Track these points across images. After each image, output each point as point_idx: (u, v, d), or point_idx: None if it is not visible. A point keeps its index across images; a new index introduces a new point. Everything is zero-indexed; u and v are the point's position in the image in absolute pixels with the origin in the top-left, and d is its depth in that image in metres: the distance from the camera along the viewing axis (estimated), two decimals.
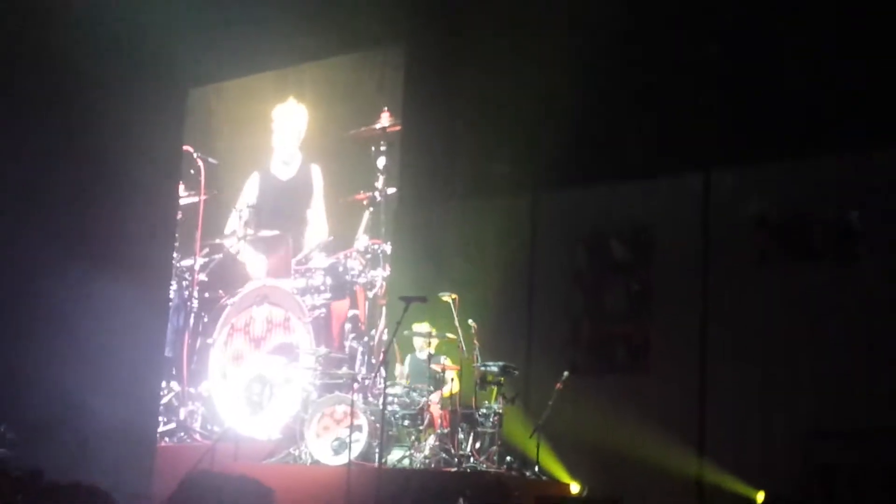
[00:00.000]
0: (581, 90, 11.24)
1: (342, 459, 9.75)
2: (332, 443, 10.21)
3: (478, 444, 10.23)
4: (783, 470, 9.23)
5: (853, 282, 9.86)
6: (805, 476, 9.16)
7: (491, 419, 10.28)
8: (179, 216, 13.63)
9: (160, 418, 12.33)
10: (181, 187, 13.73)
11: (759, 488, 9.18)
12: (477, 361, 10.50)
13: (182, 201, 13.66)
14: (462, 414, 10.38)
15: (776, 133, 10.37)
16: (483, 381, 10.44)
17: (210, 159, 13.66)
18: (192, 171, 13.71)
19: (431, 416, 10.34)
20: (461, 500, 8.29)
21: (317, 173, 12.95)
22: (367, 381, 10.94)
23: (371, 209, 12.50)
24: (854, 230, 10.06)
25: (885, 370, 9.47)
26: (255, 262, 12.83)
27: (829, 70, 10.15)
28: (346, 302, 12.10)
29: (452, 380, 10.64)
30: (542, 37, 11.73)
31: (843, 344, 9.74)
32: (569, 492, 10.24)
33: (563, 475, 10.47)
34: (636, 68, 11.28)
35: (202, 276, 13.10)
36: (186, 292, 13.03)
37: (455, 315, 10.57)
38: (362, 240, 12.41)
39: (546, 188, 11.86)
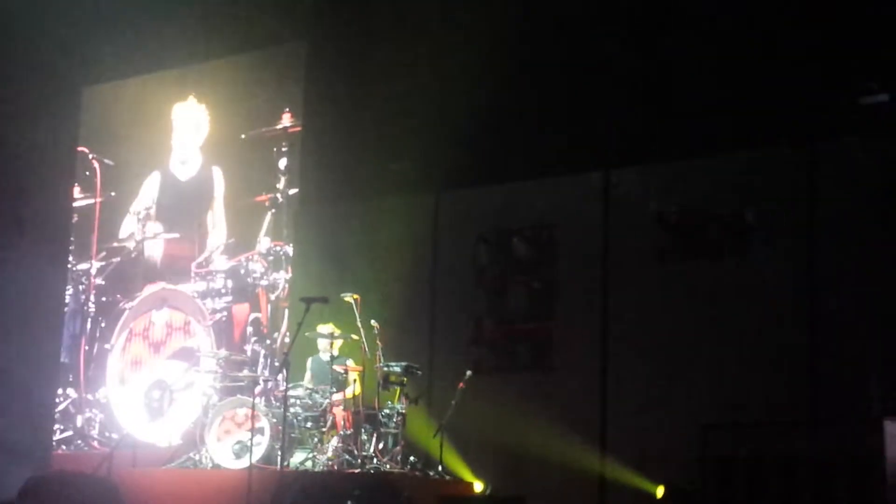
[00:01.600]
0: (483, 88, 11.26)
1: (243, 463, 9.63)
2: (234, 446, 10.08)
3: (381, 445, 10.18)
4: (682, 463, 9.33)
5: (748, 276, 10.03)
6: (702, 468, 9.27)
7: (394, 420, 10.25)
8: (75, 219, 13.33)
9: (56, 426, 12.05)
10: (76, 189, 13.44)
11: (659, 482, 9.28)
12: (380, 362, 10.44)
13: (77, 203, 13.36)
14: (365, 415, 10.32)
15: (675, 132, 10.51)
16: (386, 381, 10.40)
17: (106, 160, 13.40)
18: (87, 173, 13.42)
19: (334, 417, 10.27)
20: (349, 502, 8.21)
21: (218, 175, 12.79)
22: (269, 384, 10.82)
23: (273, 211, 12.38)
24: (749, 226, 10.24)
25: (780, 362, 9.65)
26: (154, 265, 12.63)
27: (724, 69, 10.33)
28: (248, 305, 11.97)
29: (355, 381, 10.57)
30: (444, 35, 11.74)
31: (741, 337, 9.90)
32: (472, 491, 10.25)
33: (466, 474, 10.48)
34: (537, 67, 11.34)
35: (99, 280, 12.85)
36: (83, 297, 12.77)
37: (357, 315, 10.51)
38: (264, 242, 12.28)
39: (448, 187, 11.86)
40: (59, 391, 12.28)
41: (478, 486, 10.34)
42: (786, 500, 8.40)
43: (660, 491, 9.12)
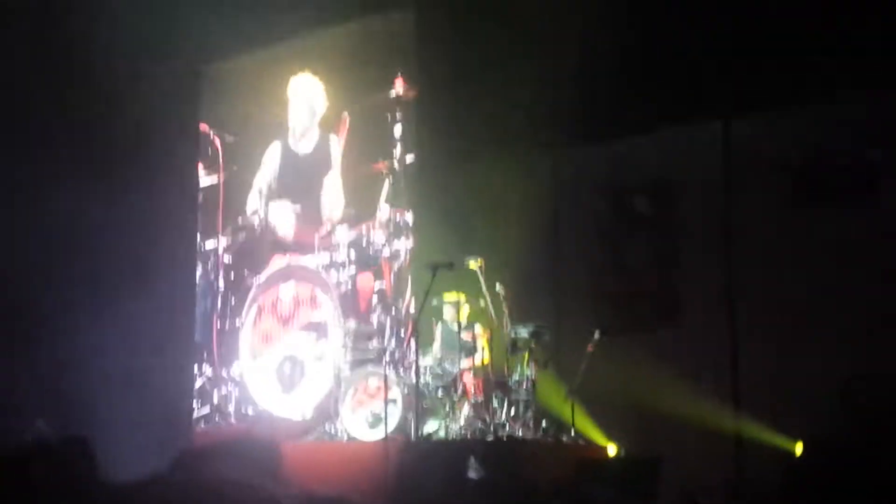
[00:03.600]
0: (595, 42, 11.09)
1: (378, 433, 9.75)
2: (367, 417, 10.21)
3: (513, 412, 10.21)
4: (822, 418, 9.17)
5: (879, 221, 9.76)
6: (844, 422, 9.10)
7: (525, 385, 10.25)
8: (200, 198, 13.57)
9: (194, 402, 12.36)
10: (200, 168, 13.66)
11: (797, 439, 9.12)
12: (507, 327, 10.45)
13: (202, 183, 13.59)
14: (495, 382, 10.36)
15: (794, 76, 10.23)
16: (514, 346, 10.40)
17: (227, 137, 13.58)
18: (209, 150, 13.63)
19: (464, 385, 10.32)
20: (472, 460, 8.25)
21: (335, 144, 12.85)
22: (398, 354, 10.92)
23: (390, 178, 12.41)
24: (876, 168, 9.95)
25: None
26: (279, 239, 12.78)
27: (843, 10, 9.99)
28: (372, 274, 12.05)
29: (483, 347, 10.61)
30: None
31: (874, 285, 9.66)
32: (606, 454, 10.23)
33: (599, 438, 10.46)
34: (648, 17, 11.12)
35: (227, 258, 13.08)
36: (212, 275, 13.01)
37: (482, 281, 10.51)
38: (384, 210, 12.32)
39: (566, 145, 11.76)
40: (195, 369, 12.58)
41: (611, 449, 10.31)
42: None
43: (799, 447, 8.96)
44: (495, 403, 10.22)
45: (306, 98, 13.01)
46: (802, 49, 10.16)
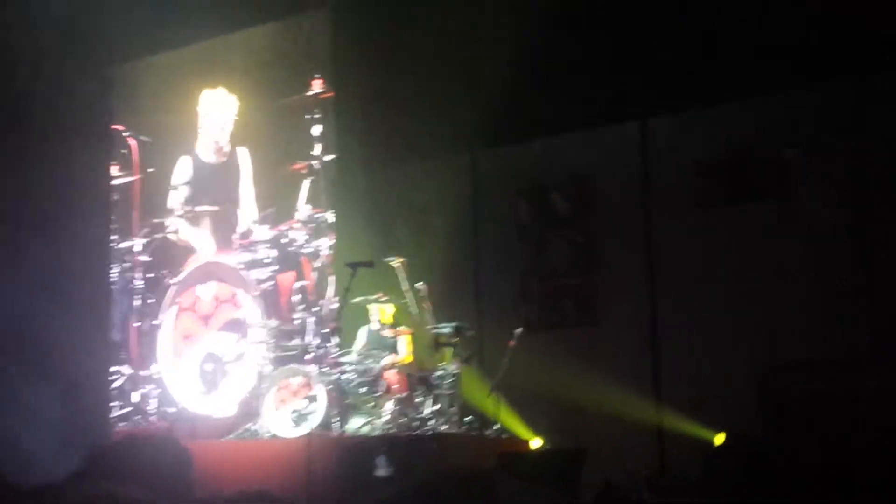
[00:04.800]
0: (514, 44, 11.20)
1: (301, 431, 9.71)
2: (291, 415, 10.14)
3: (436, 407, 10.23)
4: (740, 410, 9.36)
5: (795, 217, 10.00)
6: (762, 413, 9.30)
7: (447, 381, 10.28)
8: (115, 197, 13.34)
9: (114, 403, 12.14)
10: (114, 167, 13.44)
11: (718, 430, 9.31)
12: (429, 324, 10.49)
13: (116, 182, 13.37)
14: (418, 378, 10.38)
15: (710, 76, 10.44)
16: (437, 343, 10.43)
17: (142, 137, 13.38)
18: (123, 151, 13.42)
19: (387, 382, 10.32)
20: (380, 459, 8.26)
21: (244, 156, 12.73)
22: (320, 352, 10.88)
23: (311, 178, 12.34)
24: (792, 166, 10.19)
25: (834, 301, 9.64)
26: (197, 239, 12.64)
27: (759, 9, 10.22)
28: (293, 273, 11.97)
29: (406, 344, 10.63)
30: None
31: (790, 279, 9.90)
32: (530, 447, 10.32)
33: (523, 432, 10.55)
34: (567, 17, 11.27)
35: (144, 257, 12.87)
36: (129, 274, 12.80)
37: (403, 279, 10.54)
38: (304, 210, 12.24)
39: (485, 144, 11.86)
40: (114, 369, 12.35)
41: (535, 443, 10.40)
42: (849, 440, 8.41)
43: (719, 438, 9.15)
44: (419, 399, 10.25)
45: (217, 114, 12.86)
46: (717, 49, 10.38)
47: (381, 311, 10.71)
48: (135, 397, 12.05)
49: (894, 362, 8.87)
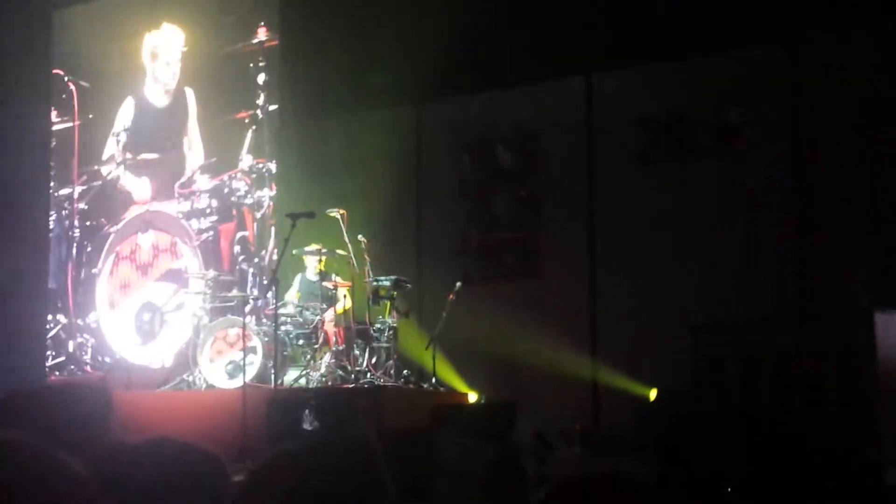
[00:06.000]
0: None
1: (237, 382, 9.68)
2: (227, 366, 10.12)
3: (374, 360, 10.23)
4: (674, 366, 9.41)
5: (735, 176, 10.03)
6: (695, 370, 9.35)
7: (386, 334, 10.28)
8: (53, 143, 13.17)
9: (48, 352, 12.05)
10: (53, 113, 13.25)
11: (651, 386, 9.36)
12: (368, 277, 10.45)
13: (55, 127, 13.19)
14: (356, 330, 10.37)
15: (655, 33, 10.40)
16: (376, 295, 10.42)
17: (82, 82, 13.20)
18: (63, 96, 13.23)
19: (326, 334, 10.30)
20: (306, 412, 8.24)
21: (191, 96, 12.61)
22: (259, 303, 10.83)
23: (254, 128, 12.25)
24: (734, 126, 10.20)
25: (769, 260, 9.70)
26: (136, 187, 12.52)
27: None
28: (234, 224, 11.92)
29: (345, 296, 10.60)
30: None
31: (729, 237, 9.94)
32: (467, 401, 10.35)
33: (460, 385, 10.57)
34: None
35: (82, 205, 12.75)
36: (67, 222, 12.67)
37: (344, 231, 10.49)
38: (246, 160, 12.17)
39: (429, 97, 11.76)
40: (49, 317, 12.26)
41: (472, 397, 10.43)
42: (778, 396, 8.50)
43: (653, 394, 9.21)
44: (356, 352, 10.24)
45: (165, 50, 12.70)
46: (664, 6, 10.34)
47: (320, 261, 10.66)
48: (70, 346, 12.01)
49: (824, 321, 8.94)
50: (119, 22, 13.34)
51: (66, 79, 13.21)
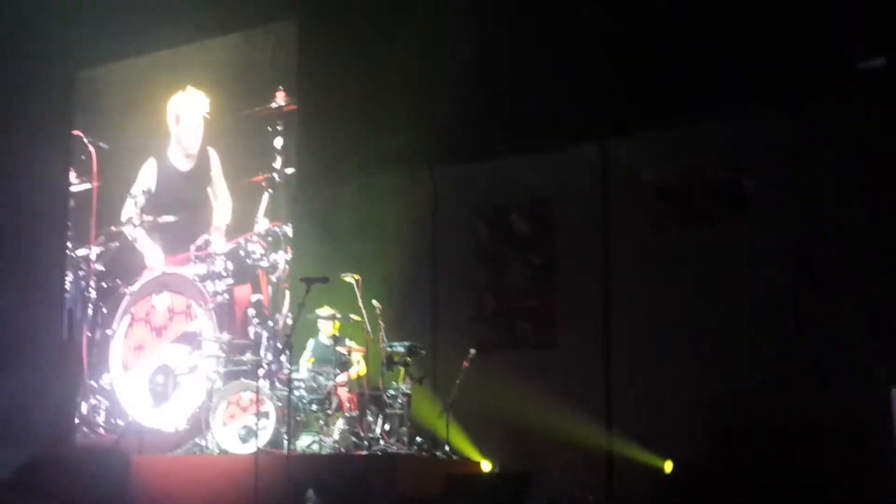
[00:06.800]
0: (474, 62, 11.21)
1: (250, 448, 9.65)
2: (240, 431, 10.09)
3: (387, 426, 10.19)
4: (689, 436, 9.37)
5: (748, 242, 10.03)
6: (710, 439, 9.31)
7: (399, 400, 10.26)
8: (72, 204, 13.29)
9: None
10: (72, 174, 13.39)
11: (666, 457, 9.31)
12: (383, 342, 10.45)
13: (74, 188, 13.32)
14: (370, 396, 10.34)
15: (668, 100, 10.47)
16: (390, 361, 10.40)
17: (101, 144, 13.34)
18: (83, 157, 13.37)
19: (339, 399, 10.28)
20: (309, 492, 8.25)
21: (214, 156, 12.73)
22: (272, 367, 10.83)
23: (270, 191, 12.34)
24: (747, 192, 10.23)
25: (784, 329, 9.66)
26: (153, 250, 12.59)
27: (712, 35, 10.28)
28: (249, 287, 11.95)
29: (358, 362, 10.60)
30: (434, 8, 11.66)
31: (743, 304, 9.91)
32: (480, 470, 10.28)
33: (473, 454, 10.51)
34: (528, 40, 11.28)
35: (99, 266, 12.82)
36: (83, 282, 12.74)
37: (359, 296, 10.51)
38: (262, 223, 12.25)
39: (444, 163, 11.83)
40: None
41: (485, 466, 10.37)
42: (791, 465, 8.45)
43: (668, 466, 9.16)
44: (370, 418, 10.21)
45: (188, 114, 12.85)
46: (675, 74, 10.42)
47: (334, 326, 10.67)
48: (84, 408, 12.01)
49: (839, 390, 8.90)
50: (140, 84, 13.50)
51: (85, 140, 13.36)
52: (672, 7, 10.57)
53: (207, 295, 12.00)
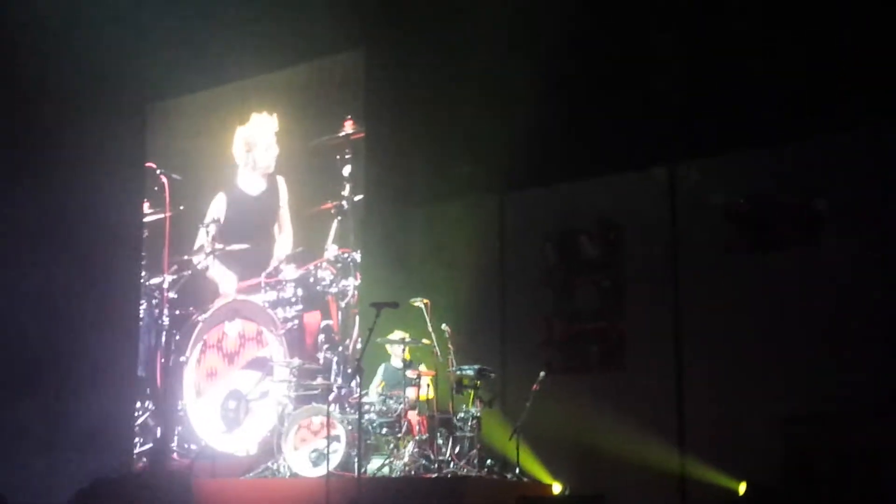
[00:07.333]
0: (542, 86, 11.22)
1: (321, 471, 9.69)
2: (311, 454, 10.15)
3: (457, 449, 10.18)
4: (763, 459, 9.25)
5: (819, 267, 9.92)
6: (785, 463, 9.18)
7: (469, 423, 10.24)
8: (145, 234, 13.52)
9: (137, 439, 12.23)
10: (146, 205, 13.63)
11: (740, 479, 9.20)
12: (452, 366, 10.46)
13: (147, 219, 13.55)
14: (440, 419, 10.34)
15: (739, 122, 10.41)
16: (459, 385, 10.40)
17: (174, 175, 13.58)
18: (155, 188, 13.61)
19: (409, 422, 10.29)
20: None
21: (282, 184, 12.90)
22: (343, 391, 10.88)
23: (339, 218, 12.45)
24: (819, 216, 10.13)
25: (855, 352, 9.53)
26: (224, 278, 12.75)
27: (785, 56, 10.21)
28: (319, 313, 12.05)
29: (428, 385, 10.61)
30: (500, 32, 11.71)
31: (815, 328, 9.80)
32: (551, 492, 10.23)
33: (544, 476, 10.46)
34: (596, 62, 11.29)
35: (172, 294, 13.02)
36: (157, 310, 12.94)
37: (428, 320, 10.54)
38: (332, 249, 12.35)
39: (512, 187, 11.87)
40: (138, 404, 12.46)
41: (556, 488, 10.32)
42: (870, 492, 8.30)
43: (742, 488, 9.04)
44: (440, 441, 10.21)
45: (260, 137, 13.04)
46: (747, 96, 10.36)
47: (404, 350, 10.71)
48: (158, 433, 12.17)
49: None
50: (210, 115, 13.74)
51: (158, 172, 13.60)
52: (742, 28, 10.52)
53: (278, 321, 12.12)
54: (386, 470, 9.99)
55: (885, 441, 8.42)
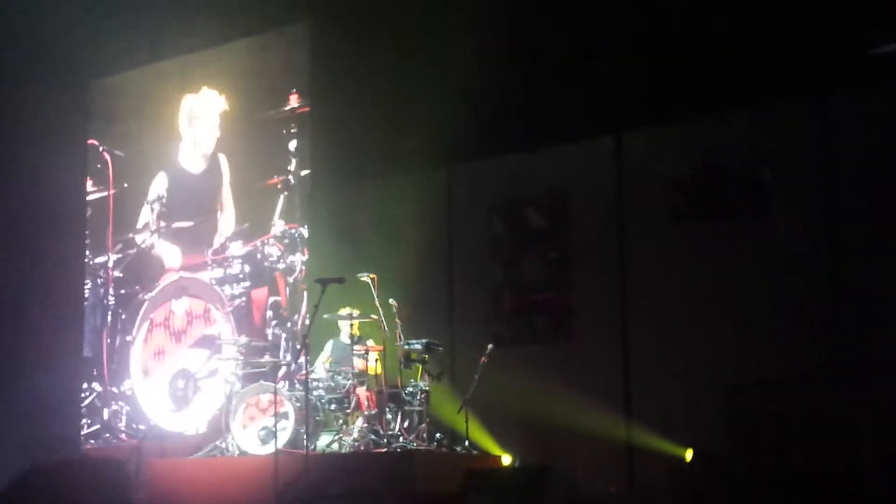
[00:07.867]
0: (488, 59, 11.17)
1: (270, 449, 9.65)
2: (259, 432, 10.10)
3: (406, 424, 10.19)
4: (709, 426, 9.31)
5: (767, 234, 9.96)
6: (730, 429, 9.24)
7: (418, 397, 10.25)
8: (89, 212, 13.35)
9: (83, 420, 12.11)
10: (89, 182, 13.45)
11: (686, 446, 9.26)
12: (400, 340, 10.44)
13: (90, 196, 13.38)
14: (388, 394, 10.33)
15: (684, 91, 10.40)
16: (407, 359, 10.39)
17: (117, 152, 13.40)
18: (98, 166, 13.43)
19: (358, 398, 10.27)
20: None
21: (224, 162, 12.77)
22: (291, 368, 10.84)
23: (286, 193, 12.36)
24: (765, 183, 10.16)
25: (802, 318, 9.60)
26: (170, 255, 12.63)
27: (731, 23, 10.21)
28: (266, 289, 11.98)
29: (377, 360, 10.58)
30: (446, 4, 11.64)
31: (761, 295, 9.86)
32: (500, 463, 10.26)
33: (493, 448, 10.50)
34: (542, 34, 11.25)
35: (117, 273, 12.89)
36: (102, 290, 12.80)
37: (375, 295, 10.50)
38: (279, 225, 12.27)
39: (459, 160, 11.82)
40: (84, 385, 12.33)
41: (506, 459, 10.35)
42: (815, 455, 8.37)
43: (688, 454, 9.10)
44: (389, 416, 10.20)
45: (204, 112, 12.89)
46: (692, 65, 10.35)
47: (352, 325, 10.67)
48: (105, 414, 12.06)
49: (857, 378, 8.82)
50: (153, 91, 13.57)
51: (100, 149, 13.42)
52: None
53: (225, 298, 12.03)
54: (335, 446, 9.97)
55: (829, 406, 8.49)
